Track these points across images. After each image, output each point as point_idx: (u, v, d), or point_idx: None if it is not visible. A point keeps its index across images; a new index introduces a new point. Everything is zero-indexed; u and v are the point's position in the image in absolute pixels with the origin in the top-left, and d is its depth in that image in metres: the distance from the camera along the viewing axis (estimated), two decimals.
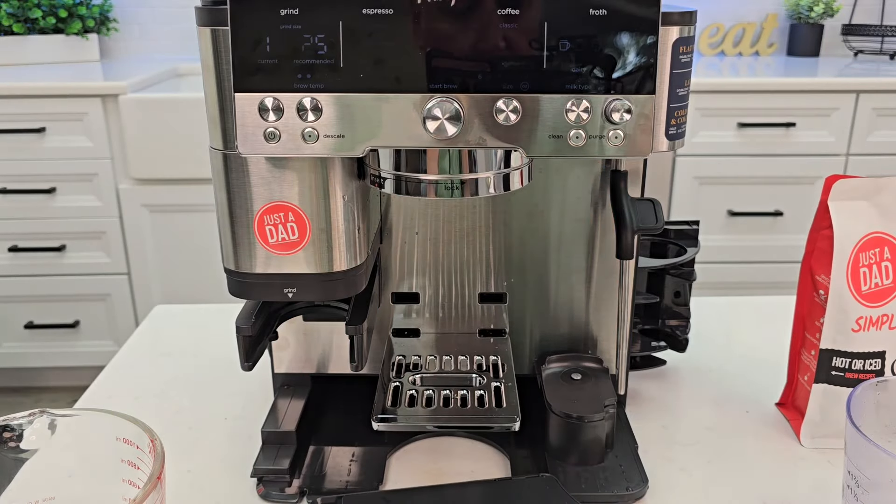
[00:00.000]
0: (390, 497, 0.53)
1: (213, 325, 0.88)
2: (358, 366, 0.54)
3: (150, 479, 0.44)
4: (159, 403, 0.72)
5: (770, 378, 0.72)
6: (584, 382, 0.62)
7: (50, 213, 1.89)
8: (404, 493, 0.54)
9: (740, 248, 1.94)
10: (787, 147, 1.92)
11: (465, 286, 0.64)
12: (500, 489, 0.55)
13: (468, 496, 0.53)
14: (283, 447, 0.61)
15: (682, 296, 0.73)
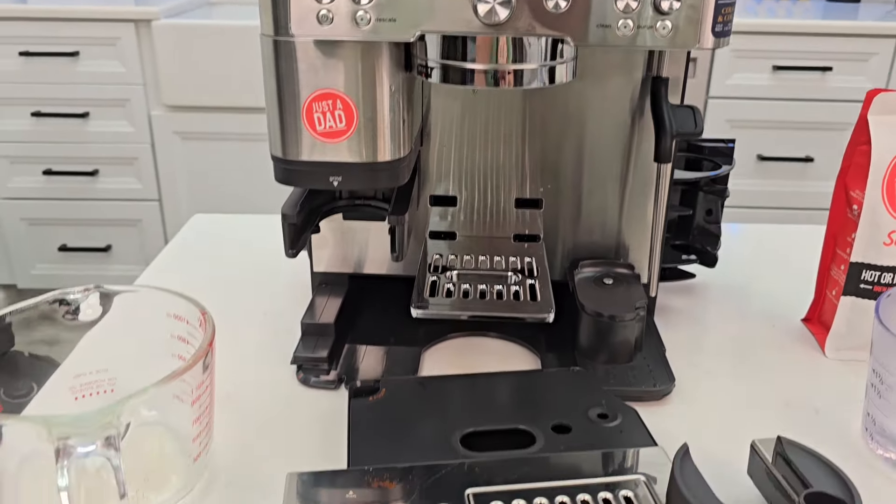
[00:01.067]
0: (426, 382, 0.56)
1: (252, 233, 0.90)
2: (399, 256, 0.56)
3: (202, 346, 0.47)
4: (199, 300, 0.74)
5: (797, 297, 0.73)
6: (616, 287, 0.63)
7: (83, 137, 1.92)
8: (439, 380, 0.57)
9: (769, 193, 1.93)
10: (821, 92, 1.88)
11: (501, 191, 0.65)
12: (531, 380, 0.57)
13: (500, 385, 0.56)
14: (322, 338, 0.63)
15: (713, 214, 0.73)
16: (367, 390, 0.54)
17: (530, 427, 0.50)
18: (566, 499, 0.43)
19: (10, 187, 1.98)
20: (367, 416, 0.51)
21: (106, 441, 0.39)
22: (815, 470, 0.44)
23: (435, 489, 0.44)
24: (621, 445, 0.49)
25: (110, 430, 0.39)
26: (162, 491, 0.48)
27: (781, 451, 0.46)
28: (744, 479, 0.49)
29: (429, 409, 0.53)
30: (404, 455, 0.47)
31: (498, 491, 0.43)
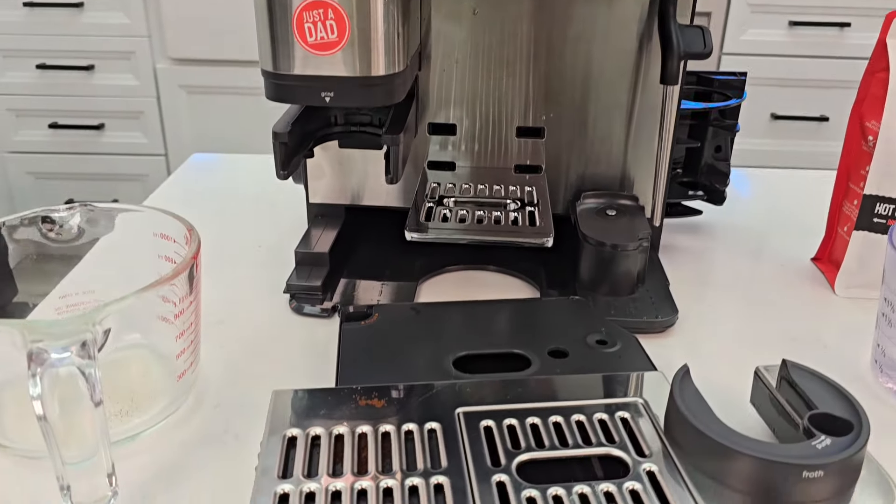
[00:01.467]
0: (420, 308, 0.54)
1: (250, 171, 0.88)
2: (393, 179, 0.54)
3: (185, 259, 0.45)
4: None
5: (807, 237, 0.71)
6: (619, 218, 0.61)
7: (88, 90, 1.90)
8: (434, 306, 0.55)
9: (782, 153, 1.89)
10: (839, 49, 1.83)
11: (502, 119, 0.63)
12: (529, 307, 0.55)
13: (497, 312, 0.54)
14: (316, 268, 0.62)
15: (723, 150, 0.71)
16: (359, 315, 0.52)
17: (525, 351, 0.48)
18: (559, 419, 0.41)
19: (17, 140, 1.97)
20: (358, 339, 0.50)
21: (81, 347, 0.38)
22: (821, 392, 0.42)
23: (424, 408, 0.42)
24: (619, 370, 0.47)
25: (85, 335, 0.38)
26: (147, 410, 0.47)
27: (786, 374, 0.44)
28: (747, 408, 0.48)
29: (422, 334, 0.51)
30: (394, 377, 0.46)
31: (489, 411, 0.42)
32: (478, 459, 0.38)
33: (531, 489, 0.36)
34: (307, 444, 0.39)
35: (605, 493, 0.36)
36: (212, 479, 0.43)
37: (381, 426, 0.41)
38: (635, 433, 0.41)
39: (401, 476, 0.37)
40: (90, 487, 0.38)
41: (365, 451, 0.39)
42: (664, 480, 0.37)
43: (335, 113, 0.60)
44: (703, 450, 0.38)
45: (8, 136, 1.96)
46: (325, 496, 0.36)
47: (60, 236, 0.52)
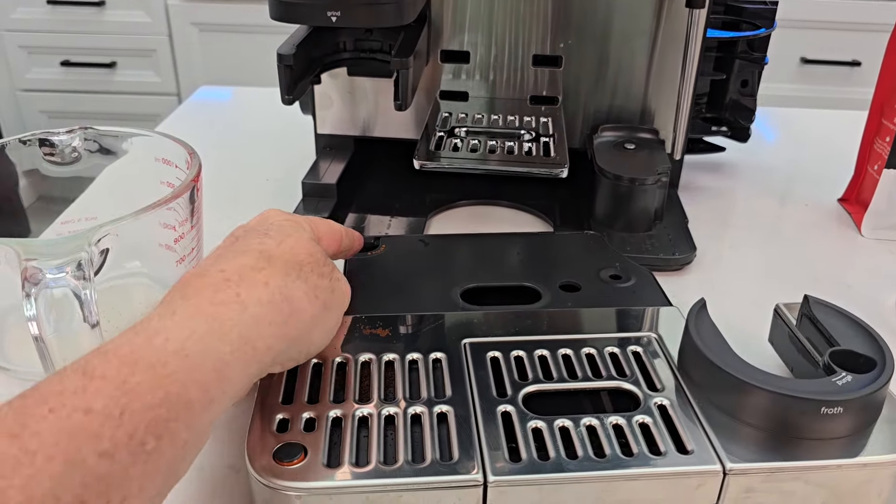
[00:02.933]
0: (429, 240, 0.52)
1: (258, 104, 0.86)
2: (402, 105, 0.51)
3: (185, 181, 0.44)
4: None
5: (834, 178, 0.68)
6: (638, 151, 0.59)
7: (100, 27, 1.87)
8: (443, 238, 0.53)
9: (813, 98, 1.83)
10: None
11: (518, 46, 0.60)
12: (541, 241, 0.53)
13: (508, 245, 0.52)
14: (324, 200, 0.60)
15: (749, 85, 0.68)
16: (367, 246, 0.51)
17: (536, 285, 0.46)
18: (569, 352, 0.40)
19: (29, 78, 1.95)
20: (364, 270, 0.48)
21: (77, 268, 0.37)
22: (843, 329, 0.41)
23: (430, 339, 0.40)
24: (633, 305, 0.45)
25: (80, 254, 0.37)
26: None
27: (808, 311, 0.42)
28: (765, 347, 0.46)
29: (430, 266, 0.49)
30: (400, 307, 0.44)
31: (496, 342, 0.40)
32: (483, 390, 0.37)
33: (537, 420, 0.35)
34: (309, 371, 0.38)
35: (613, 425, 0.35)
36: None
37: (384, 355, 0.39)
38: (647, 368, 0.39)
39: (404, 404, 0.36)
40: None
41: (368, 380, 0.38)
42: (675, 414, 0.36)
43: (343, 38, 0.58)
44: (718, 384, 0.36)
45: (21, 73, 1.95)
46: (325, 423, 0.34)
47: (61, 160, 0.51)
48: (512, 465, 0.32)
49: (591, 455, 0.33)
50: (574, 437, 0.34)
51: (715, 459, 0.33)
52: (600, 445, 0.34)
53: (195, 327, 0.30)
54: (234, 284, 0.33)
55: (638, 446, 0.34)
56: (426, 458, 0.32)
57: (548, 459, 0.33)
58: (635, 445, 0.34)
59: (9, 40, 1.91)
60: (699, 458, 0.33)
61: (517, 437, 0.34)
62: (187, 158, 0.47)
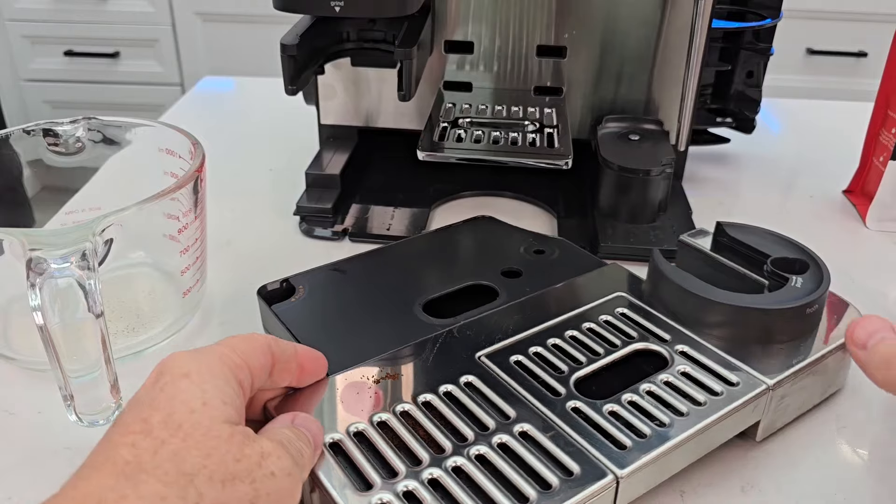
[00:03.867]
0: (341, 266, 0.48)
1: (262, 94, 0.86)
2: (406, 95, 0.51)
3: (189, 171, 0.44)
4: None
5: (839, 169, 0.68)
6: (642, 143, 0.58)
7: (103, 17, 1.86)
8: (353, 261, 0.49)
9: (818, 89, 1.82)
10: None
11: (522, 37, 0.60)
12: (449, 237, 0.52)
13: (422, 251, 0.50)
14: (327, 190, 0.60)
15: (755, 76, 0.67)
16: (282, 292, 0.45)
17: (484, 280, 0.46)
18: (574, 332, 0.40)
19: (33, 68, 1.95)
20: (303, 318, 0.42)
21: (81, 258, 0.37)
22: (759, 241, 0.44)
23: (443, 365, 0.37)
24: (576, 272, 0.46)
25: (85, 244, 0.37)
26: (153, 327, 0.46)
27: (723, 236, 0.45)
28: None
29: (366, 293, 0.45)
30: (377, 345, 0.39)
31: (505, 346, 0.39)
32: (536, 394, 0.35)
33: (609, 404, 0.35)
34: (357, 445, 0.33)
35: (664, 382, 0.36)
36: None
37: (418, 397, 0.35)
38: (642, 323, 0.41)
39: (481, 439, 0.33)
40: (94, 399, 0.38)
41: (421, 429, 0.33)
42: (702, 356, 0.38)
43: (347, 29, 0.57)
44: (715, 317, 0.39)
45: (24, 63, 1.94)
46: (425, 490, 0.30)
47: (65, 150, 0.51)
48: (626, 454, 0.32)
49: (674, 416, 0.34)
50: (647, 406, 0.35)
51: (758, 382, 0.36)
52: (669, 404, 0.35)
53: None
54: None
55: (701, 393, 0.35)
56: (550, 482, 0.31)
57: (645, 436, 0.33)
58: (697, 393, 0.35)
59: (12, 30, 1.90)
60: (747, 386, 0.36)
61: (601, 426, 0.33)
62: (191, 149, 0.47)
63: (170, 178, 0.49)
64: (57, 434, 0.39)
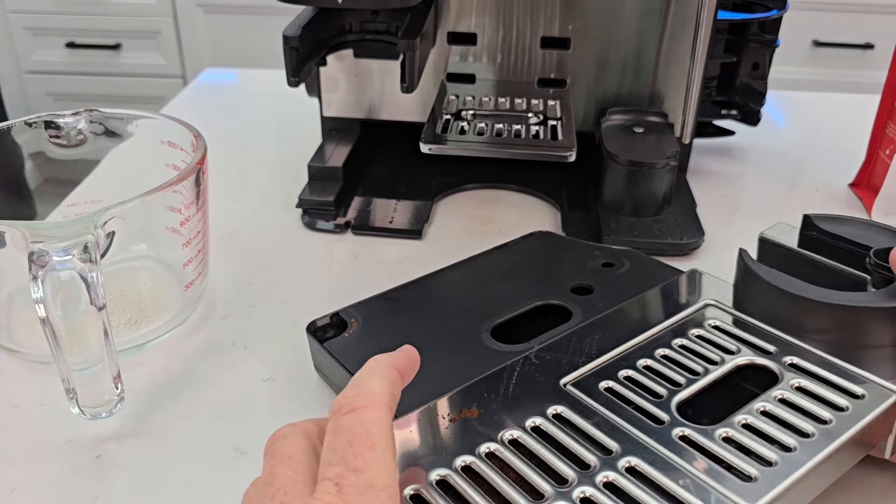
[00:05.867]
0: (394, 295, 0.45)
1: (264, 87, 0.86)
2: (409, 87, 0.51)
3: (191, 163, 0.43)
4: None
5: (845, 163, 0.67)
6: (646, 135, 0.58)
7: (104, 9, 1.86)
8: (406, 289, 0.45)
9: (825, 81, 1.81)
10: None
11: (526, 28, 0.60)
12: (506, 255, 0.49)
13: (477, 272, 0.47)
14: (330, 183, 0.60)
15: (760, 68, 0.67)
16: (333, 327, 0.42)
17: (554, 300, 0.43)
18: (666, 351, 0.36)
19: (35, 60, 1.94)
20: (361, 354, 0.37)
21: (83, 250, 0.37)
22: (857, 232, 0.38)
23: (524, 397, 0.34)
24: (652, 283, 0.42)
25: (87, 237, 0.36)
26: (156, 320, 0.46)
27: (810, 228, 0.39)
28: None
29: (425, 322, 0.42)
30: (446, 381, 0.35)
31: (591, 371, 0.35)
32: (636, 423, 0.31)
33: (721, 428, 0.31)
34: (442, 496, 0.29)
35: (779, 400, 0.32)
36: (220, 388, 0.42)
37: (503, 435, 0.31)
38: (740, 335, 0.37)
39: (584, 479, 0.29)
40: (96, 392, 0.38)
41: (512, 472, 0.29)
42: (813, 366, 0.34)
43: (350, 20, 0.57)
44: (821, 320, 0.35)
45: (27, 55, 1.94)
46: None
47: (67, 143, 0.51)
48: (754, 486, 0.28)
49: (800, 438, 0.30)
50: (766, 429, 0.31)
51: (887, 392, 0.32)
52: (790, 425, 0.31)
53: None
54: None
55: (824, 409, 0.32)
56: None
57: (771, 464, 0.29)
58: (820, 410, 0.32)
59: (14, 22, 1.90)
60: (874, 397, 0.32)
61: (718, 455, 0.29)
62: (193, 141, 0.47)
63: (172, 171, 0.49)
64: (60, 426, 0.39)
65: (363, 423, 0.25)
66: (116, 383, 0.38)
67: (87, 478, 0.36)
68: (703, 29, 0.53)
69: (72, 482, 0.36)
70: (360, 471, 0.24)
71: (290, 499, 0.24)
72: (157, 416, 0.40)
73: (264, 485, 0.26)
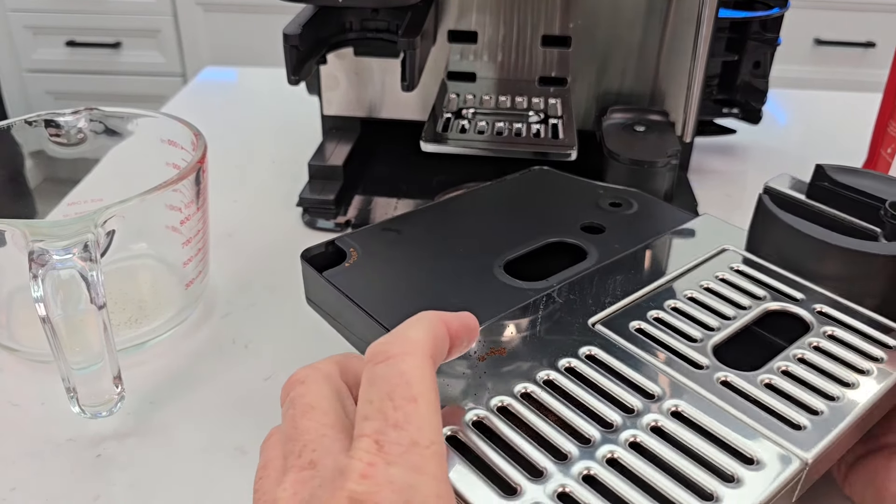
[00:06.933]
0: (393, 225, 0.43)
1: (264, 85, 0.86)
2: (409, 86, 0.51)
3: (191, 162, 0.43)
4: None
5: (846, 161, 0.66)
6: (648, 134, 0.58)
7: (105, 7, 1.86)
8: (406, 219, 0.44)
9: (826, 80, 1.81)
10: None
11: (527, 26, 0.59)
12: (507, 189, 0.48)
13: (482, 205, 0.46)
14: (330, 182, 0.60)
15: (761, 66, 0.67)
16: (329, 257, 0.39)
17: (566, 237, 0.41)
18: (692, 292, 0.35)
19: (35, 59, 1.94)
20: (366, 286, 0.37)
21: (83, 249, 0.36)
22: (868, 183, 0.38)
23: (551, 337, 0.32)
24: (665, 226, 0.41)
25: (87, 235, 0.36)
26: (156, 318, 0.46)
27: (823, 179, 0.38)
28: None
29: (432, 255, 0.40)
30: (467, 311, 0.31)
31: (620, 310, 0.34)
32: (674, 366, 0.30)
33: (760, 374, 0.30)
34: (482, 438, 0.27)
35: (814, 348, 0.32)
36: (220, 387, 0.42)
37: (537, 375, 0.29)
38: (765, 280, 0.36)
39: (629, 422, 0.27)
40: (97, 391, 0.38)
41: (552, 415, 0.28)
42: (845, 316, 0.33)
43: (350, 18, 0.57)
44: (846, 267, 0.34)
45: (26, 53, 1.94)
46: (585, 489, 0.25)
47: (67, 141, 0.51)
48: (805, 434, 0.27)
49: (842, 388, 0.30)
50: (809, 377, 0.30)
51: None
52: (830, 374, 0.30)
53: None
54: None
55: (861, 359, 0.31)
56: (732, 473, 0.26)
57: (817, 412, 0.28)
58: (857, 359, 0.31)
59: (14, 20, 1.90)
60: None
61: (765, 403, 0.29)
62: (193, 140, 0.46)
63: (172, 170, 0.49)
64: (60, 425, 0.39)
65: (402, 373, 0.22)
66: (117, 382, 0.38)
67: (88, 477, 0.36)
68: (705, 27, 0.53)
69: (72, 481, 0.36)
70: (401, 426, 0.21)
71: (319, 455, 0.22)
72: (158, 415, 0.40)
73: (287, 440, 0.23)
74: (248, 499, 0.29)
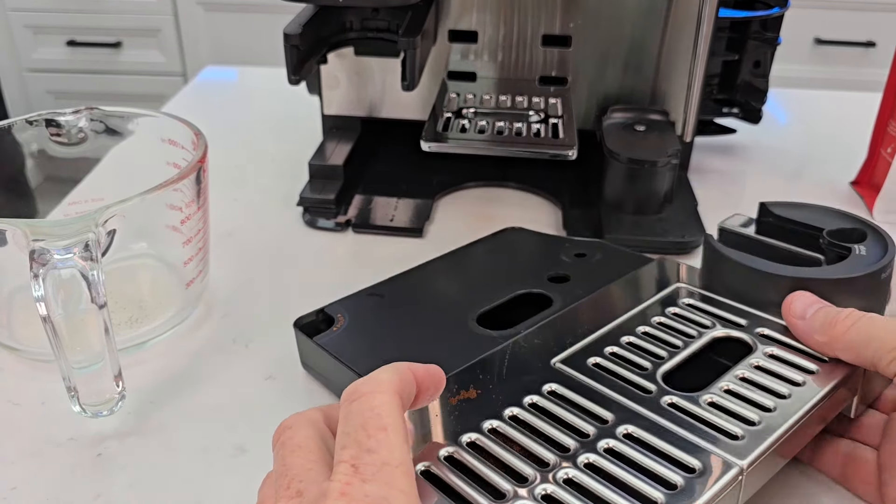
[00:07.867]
0: (378, 291, 0.45)
1: (264, 84, 0.86)
2: (410, 85, 0.51)
3: (192, 161, 0.43)
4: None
5: (847, 161, 0.67)
6: (648, 133, 0.58)
7: (105, 6, 1.86)
8: (392, 283, 0.46)
9: (826, 79, 1.81)
10: None
11: (527, 26, 0.59)
12: (481, 251, 0.50)
13: (455, 266, 0.48)
14: (330, 181, 0.60)
15: (761, 66, 0.67)
16: (319, 323, 0.43)
17: (535, 289, 0.44)
18: (646, 328, 0.38)
19: (36, 58, 1.94)
20: (353, 347, 0.40)
21: (84, 248, 0.36)
22: (809, 215, 0.42)
23: (522, 376, 0.35)
24: (625, 271, 0.44)
25: (88, 235, 0.36)
26: (156, 318, 0.46)
27: (767, 216, 0.43)
28: None
29: (412, 315, 0.43)
30: (441, 363, 0.32)
31: (580, 350, 0.37)
32: (627, 393, 0.33)
33: (706, 395, 0.33)
34: (452, 470, 0.29)
35: (755, 367, 0.34)
36: (220, 386, 0.42)
37: (503, 412, 0.32)
38: (712, 311, 0.39)
39: (585, 446, 0.30)
40: (97, 390, 0.38)
41: (517, 445, 0.31)
42: (782, 336, 0.36)
43: (350, 18, 0.57)
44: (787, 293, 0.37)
45: (27, 53, 1.94)
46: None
47: (68, 141, 0.51)
48: (742, 444, 0.30)
49: (778, 400, 0.32)
50: (747, 394, 0.33)
51: None
52: (768, 389, 0.33)
53: None
54: None
55: (796, 373, 0.34)
56: (674, 482, 0.28)
57: (754, 423, 0.31)
58: (793, 374, 0.34)
59: (15, 20, 1.90)
60: (840, 361, 0.34)
61: (706, 419, 0.31)
62: (193, 139, 0.46)
63: (172, 169, 0.49)
64: (61, 425, 0.39)
65: (373, 408, 0.25)
66: (117, 381, 0.38)
67: (88, 476, 0.36)
68: (705, 26, 0.53)
69: (72, 480, 0.36)
70: (374, 451, 0.24)
71: (305, 485, 0.25)
72: (158, 415, 0.40)
73: (278, 476, 0.26)
74: (248, 498, 0.30)
